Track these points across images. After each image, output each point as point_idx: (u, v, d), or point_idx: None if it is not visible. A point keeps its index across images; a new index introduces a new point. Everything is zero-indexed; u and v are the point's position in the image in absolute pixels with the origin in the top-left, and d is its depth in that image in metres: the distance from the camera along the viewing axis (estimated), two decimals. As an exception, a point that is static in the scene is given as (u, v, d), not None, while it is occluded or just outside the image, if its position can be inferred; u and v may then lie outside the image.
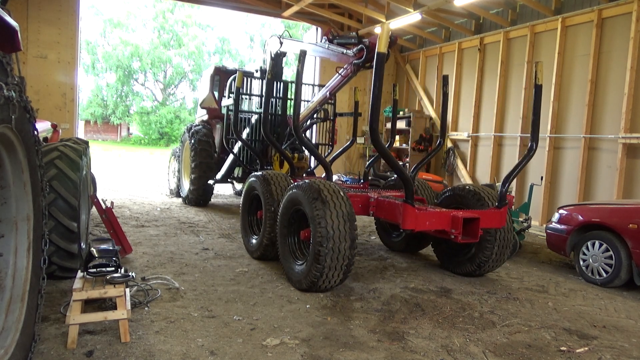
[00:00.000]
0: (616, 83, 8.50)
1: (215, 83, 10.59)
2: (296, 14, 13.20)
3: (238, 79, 7.83)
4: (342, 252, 4.40)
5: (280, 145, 7.12)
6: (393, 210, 5.05)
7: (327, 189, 4.58)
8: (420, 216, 4.84)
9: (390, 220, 5.17)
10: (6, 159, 2.48)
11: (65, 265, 4.45)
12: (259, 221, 6.10)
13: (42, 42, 11.35)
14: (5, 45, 2.34)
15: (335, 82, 7.41)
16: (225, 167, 9.50)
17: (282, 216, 5.11)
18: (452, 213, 4.98)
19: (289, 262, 4.99)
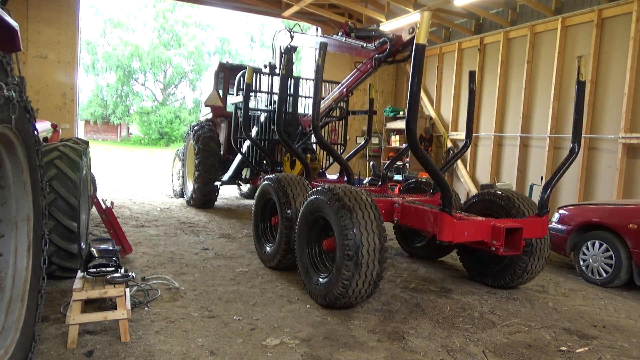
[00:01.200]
0: (616, 83, 8.49)
1: (219, 80, 10.12)
2: (296, 14, 13.20)
3: (248, 75, 7.41)
4: (372, 265, 3.97)
5: (294, 146, 6.73)
6: (424, 218, 4.64)
7: (353, 195, 4.16)
8: (459, 226, 4.35)
9: (421, 228, 4.79)
10: (6, 159, 2.48)
11: (65, 265, 4.45)
12: (273, 228, 5.72)
13: (42, 42, 11.34)
14: (5, 45, 2.34)
15: (353, 77, 6.99)
16: (232, 168, 9.21)
17: (302, 224, 4.69)
18: (493, 222, 4.49)
19: (309, 275, 4.55)
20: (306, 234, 4.66)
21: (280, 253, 5.24)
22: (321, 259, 4.64)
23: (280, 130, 6.16)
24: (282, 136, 6.19)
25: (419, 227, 4.84)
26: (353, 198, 4.12)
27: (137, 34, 42.08)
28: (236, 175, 9.23)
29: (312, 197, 4.52)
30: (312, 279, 4.49)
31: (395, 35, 5.98)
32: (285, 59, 6.34)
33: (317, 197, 4.42)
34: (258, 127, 8.78)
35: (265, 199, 5.76)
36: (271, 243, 5.64)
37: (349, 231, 3.94)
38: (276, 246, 5.34)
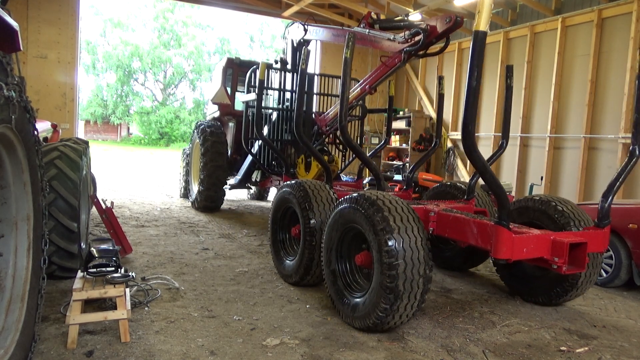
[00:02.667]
0: (616, 83, 8.50)
1: (227, 77, 9.65)
2: (296, 14, 13.19)
3: (261, 70, 6.88)
4: (416, 286, 3.52)
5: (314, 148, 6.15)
6: (469, 230, 4.05)
7: (393, 205, 3.69)
8: (518, 242, 3.73)
9: (467, 242, 4.15)
10: (6, 159, 2.48)
11: (65, 265, 4.45)
12: (294, 240, 5.24)
13: (42, 42, 11.35)
14: (5, 45, 2.34)
15: (377, 73, 6.41)
16: (242, 170, 8.81)
17: (329, 236, 4.20)
18: (553, 237, 3.89)
19: (341, 294, 4.05)
20: (335, 247, 4.17)
21: (303, 268, 4.72)
22: (354, 276, 4.15)
23: (300, 131, 5.67)
24: (302, 137, 5.69)
25: (461, 239, 4.23)
26: (393, 208, 3.64)
27: (137, 34, 42.12)
28: (246, 178, 8.82)
29: (343, 206, 4.02)
30: (344, 298, 4.01)
31: (429, 25, 5.49)
32: (304, 52, 5.75)
33: (349, 206, 3.92)
34: (269, 126, 8.22)
35: (285, 208, 5.23)
36: (292, 256, 5.10)
37: (390, 247, 3.47)
38: (298, 260, 4.80)
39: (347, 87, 4.82)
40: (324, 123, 7.71)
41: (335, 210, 4.16)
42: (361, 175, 7.95)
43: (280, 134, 8.11)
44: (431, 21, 5.53)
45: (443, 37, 5.59)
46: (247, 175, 8.82)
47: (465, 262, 5.78)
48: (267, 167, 8.20)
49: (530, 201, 4.79)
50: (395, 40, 5.82)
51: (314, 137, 7.90)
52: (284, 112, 8.14)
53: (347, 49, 4.76)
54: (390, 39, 5.88)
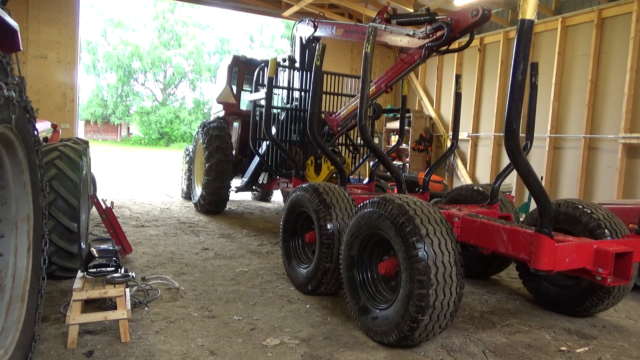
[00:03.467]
0: (616, 83, 8.50)
1: (233, 75, 9.37)
2: (296, 14, 13.19)
3: (271, 68, 6.56)
4: (448, 292, 3.26)
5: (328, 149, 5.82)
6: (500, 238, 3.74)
7: (419, 207, 3.46)
8: (560, 251, 3.43)
9: (496, 250, 3.85)
10: (6, 159, 2.48)
11: (65, 265, 4.45)
12: (307, 246, 4.96)
13: (42, 42, 11.35)
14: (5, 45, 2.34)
15: (394, 70, 6.09)
16: (249, 172, 8.53)
17: (350, 243, 3.94)
18: (596, 246, 3.56)
19: (362, 306, 3.79)
20: (357, 255, 3.92)
21: (318, 276, 4.44)
22: (376, 287, 3.87)
23: (314, 132, 5.39)
24: (317, 138, 5.44)
25: (490, 247, 3.93)
26: (420, 210, 3.42)
27: (137, 34, 42.16)
28: (253, 180, 8.54)
29: (365, 210, 3.76)
30: (366, 311, 3.73)
31: (453, 19, 5.18)
32: (320, 47, 5.36)
33: (372, 210, 3.67)
34: (277, 127, 7.87)
35: (298, 212, 4.96)
36: (306, 264, 4.81)
37: (419, 251, 3.21)
38: (313, 268, 4.51)
39: (367, 84, 4.51)
40: (335, 123, 7.38)
41: (357, 215, 3.87)
42: (373, 177, 7.67)
43: (288, 135, 7.77)
44: (455, 15, 5.22)
45: (467, 32, 5.29)
46: (254, 177, 8.55)
47: (487, 270, 5.47)
48: (276, 169, 7.86)
49: (556, 205, 4.48)
50: (415, 36, 5.50)
51: (324, 138, 7.63)
52: (293, 112, 7.83)
53: (367, 43, 4.46)
54: (409, 35, 5.55)
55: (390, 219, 3.46)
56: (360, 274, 3.91)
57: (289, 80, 7.86)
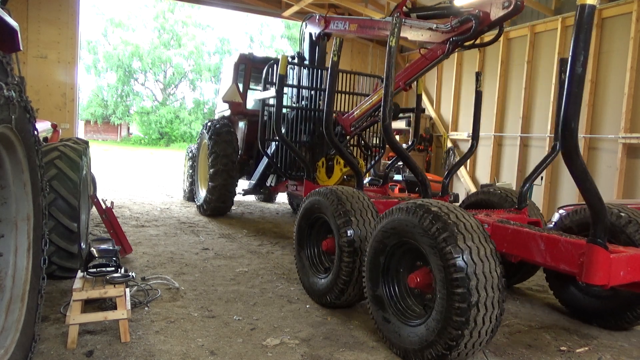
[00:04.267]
0: (616, 83, 8.50)
1: (239, 73, 9.06)
2: (296, 14, 13.20)
3: (282, 65, 6.25)
4: (491, 306, 2.94)
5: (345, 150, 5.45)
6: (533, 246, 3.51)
7: (454, 213, 3.17)
8: (616, 264, 3.10)
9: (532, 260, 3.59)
10: (6, 159, 2.48)
11: (65, 265, 4.45)
12: (325, 254, 4.62)
13: (42, 42, 11.35)
14: (5, 45, 2.34)
15: (415, 66, 5.78)
16: (257, 174, 8.21)
17: (375, 252, 3.62)
18: None
19: (390, 320, 3.48)
20: (382, 265, 3.59)
21: (338, 287, 4.09)
22: (406, 300, 3.54)
23: (331, 132, 5.10)
24: (333, 139, 5.15)
25: (525, 256, 3.65)
26: (455, 216, 3.13)
27: (138, 33, 42.19)
28: (261, 182, 8.21)
29: (394, 217, 3.45)
30: (395, 327, 3.42)
31: (482, 11, 4.81)
32: (337, 42, 5.00)
33: (402, 217, 3.36)
34: (286, 127, 7.47)
35: (313, 218, 4.63)
36: (323, 274, 4.47)
37: (457, 260, 2.91)
38: (332, 278, 4.18)
39: (391, 80, 4.16)
40: (348, 123, 6.94)
41: (383, 222, 3.55)
42: (387, 179, 7.39)
43: (297, 135, 7.38)
44: (484, 6, 4.86)
45: (496, 25, 4.94)
46: (262, 179, 8.20)
47: (512, 278, 5.09)
48: (285, 171, 7.48)
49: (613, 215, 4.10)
50: (439, 30, 5.18)
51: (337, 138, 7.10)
52: (302, 111, 7.44)
53: (392, 36, 4.11)
54: (432, 29, 5.23)
55: (423, 226, 3.15)
56: (386, 287, 3.58)
57: (298, 79, 7.55)
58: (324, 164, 7.02)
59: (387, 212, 3.55)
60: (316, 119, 7.36)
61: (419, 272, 3.36)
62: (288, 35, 40.62)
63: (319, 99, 7.40)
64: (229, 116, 9.04)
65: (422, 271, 3.34)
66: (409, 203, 3.40)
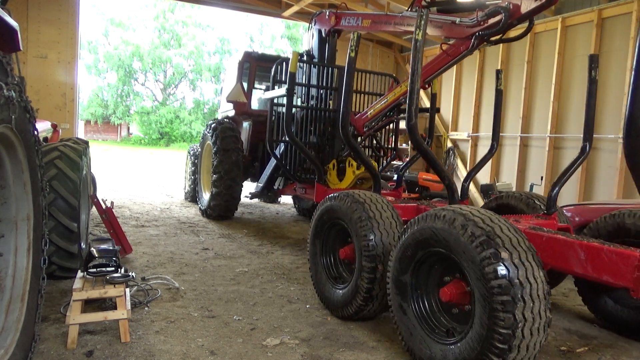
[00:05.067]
0: (616, 83, 8.50)
1: (244, 72, 8.77)
2: (296, 14, 13.19)
3: (292, 63, 5.98)
4: (536, 331, 2.66)
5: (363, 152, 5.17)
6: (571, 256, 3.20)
7: (500, 227, 2.81)
8: None
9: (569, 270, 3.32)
10: (6, 159, 2.48)
11: (65, 265, 4.45)
12: (342, 263, 4.35)
13: (42, 42, 11.35)
14: (5, 45, 2.34)
15: (435, 63, 5.48)
16: (265, 176, 7.86)
17: (400, 262, 3.31)
18: None
19: (419, 336, 3.17)
20: (410, 276, 3.30)
21: (360, 299, 3.82)
22: (436, 317, 3.23)
23: (347, 132, 4.84)
24: (350, 140, 4.89)
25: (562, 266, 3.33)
26: (499, 229, 2.79)
27: (138, 33, 42.21)
28: (269, 185, 7.89)
29: (424, 224, 3.14)
30: (426, 343, 3.12)
31: (512, 3, 4.47)
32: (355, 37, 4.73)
33: (434, 225, 3.05)
34: (294, 127, 7.05)
35: (330, 224, 4.35)
36: (342, 284, 4.19)
37: (502, 281, 2.61)
38: (352, 289, 3.92)
39: (417, 77, 3.86)
40: (360, 124, 6.59)
41: (410, 231, 3.26)
42: (401, 182, 7.03)
43: (306, 136, 7.03)
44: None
45: (526, 19, 4.66)
46: (270, 182, 7.85)
47: None
48: (295, 174, 7.14)
49: (620, 215, 3.97)
50: (462, 24, 4.86)
51: None
52: (311, 111, 7.09)
53: (418, 30, 3.83)
54: (454, 23, 4.93)
55: (462, 237, 2.84)
56: (415, 302, 3.27)
57: (307, 77, 7.20)
58: (334, 166, 6.67)
59: (417, 220, 3.24)
60: (326, 119, 7.09)
61: (452, 285, 3.04)
62: (288, 35, 40.65)
63: (329, 98, 7.12)
64: (233, 116, 8.82)
65: (456, 285, 3.03)
66: (441, 210, 3.08)
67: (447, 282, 3.13)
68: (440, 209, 3.12)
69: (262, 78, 9.25)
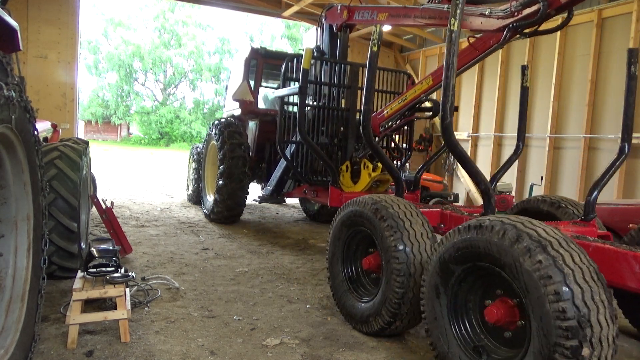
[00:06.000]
0: (616, 83, 8.50)
1: (251, 69, 8.42)
2: (296, 14, 13.20)
3: (306, 59, 5.64)
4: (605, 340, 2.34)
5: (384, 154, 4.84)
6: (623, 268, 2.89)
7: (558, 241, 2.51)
8: None
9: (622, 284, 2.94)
10: (6, 159, 2.48)
11: (65, 265, 4.45)
12: (366, 274, 4.05)
13: (42, 42, 11.35)
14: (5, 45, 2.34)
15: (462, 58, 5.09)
16: (274, 179, 7.42)
17: (438, 275, 2.99)
18: None
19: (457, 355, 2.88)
20: (451, 292, 2.95)
21: (388, 313, 3.50)
22: (478, 336, 2.89)
23: (369, 133, 4.52)
24: (372, 142, 4.59)
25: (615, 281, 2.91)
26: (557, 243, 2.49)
27: (138, 33, 42.22)
28: (279, 188, 7.45)
29: (469, 235, 2.80)
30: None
31: None
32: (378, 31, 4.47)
33: (481, 237, 2.71)
34: None
35: (352, 232, 4.07)
36: (366, 297, 3.90)
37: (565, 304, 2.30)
38: (378, 302, 3.62)
39: (453, 71, 3.54)
40: (376, 123, 6.21)
41: (451, 242, 2.92)
42: (418, 185, 6.68)
43: (316, 137, 6.56)
44: None
45: (566, 8, 4.43)
46: (280, 185, 7.43)
47: None
48: (307, 176, 6.67)
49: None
50: (494, 15, 4.49)
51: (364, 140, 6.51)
52: (323, 110, 6.63)
53: (454, 19, 3.54)
54: (484, 14, 4.54)
55: (513, 252, 2.52)
56: (455, 320, 2.95)
57: (318, 75, 6.80)
58: (348, 168, 6.28)
59: (460, 230, 2.90)
60: (338, 118, 6.68)
61: (501, 304, 2.73)
62: (288, 35, 40.64)
63: (341, 96, 6.78)
64: (238, 116, 8.50)
65: (504, 303, 2.72)
66: (493, 222, 2.71)
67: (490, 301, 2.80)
68: (485, 219, 2.79)
69: (270, 76, 9.04)
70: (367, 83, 4.66)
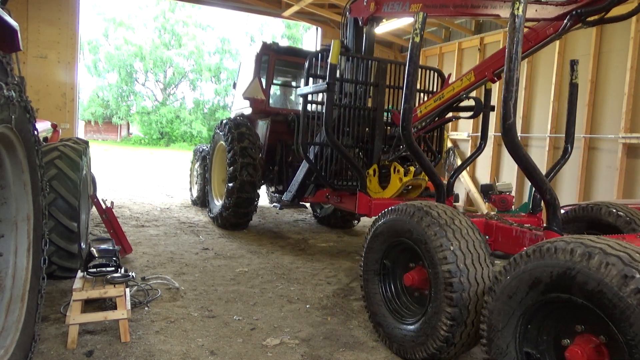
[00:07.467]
0: (616, 83, 8.50)
1: (262, 66, 8.01)
2: (296, 14, 13.20)
3: (334, 53, 5.19)
4: None
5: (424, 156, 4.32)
6: None
7: None
8: None
9: None
10: (6, 159, 2.48)
11: (65, 265, 4.45)
12: (408, 292, 3.61)
13: (42, 42, 11.35)
14: (5, 45, 2.34)
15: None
16: (296, 183, 6.78)
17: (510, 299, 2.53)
18: None
19: None
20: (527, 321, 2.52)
21: (439, 338, 3.04)
22: None
23: (410, 133, 4.08)
24: (413, 144, 4.13)
25: None
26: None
27: (138, 34, 42.23)
28: (300, 193, 6.83)
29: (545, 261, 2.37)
30: None
31: None
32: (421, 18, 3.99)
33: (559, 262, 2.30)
34: None
35: (390, 244, 3.63)
36: (409, 318, 3.46)
37: None
38: (425, 325, 3.17)
39: (517, 63, 3.12)
40: None
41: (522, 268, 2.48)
42: (452, 191, 6.00)
43: (340, 138, 5.96)
44: None
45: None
46: (302, 190, 6.82)
47: None
48: (332, 181, 6.13)
49: None
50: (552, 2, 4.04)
51: (394, 142, 5.96)
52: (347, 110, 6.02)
53: (518, 2, 3.11)
54: (540, 1, 4.08)
55: (607, 279, 2.10)
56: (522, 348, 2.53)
57: (342, 72, 6.24)
58: (375, 172, 5.86)
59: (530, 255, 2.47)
60: (364, 118, 6.13)
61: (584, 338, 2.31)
62: (288, 35, 40.63)
63: (368, 95, 6.30)
64: (248, 115, 8.03)
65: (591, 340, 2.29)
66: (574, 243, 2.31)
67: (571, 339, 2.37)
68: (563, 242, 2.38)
69: (282, 73, 8.65)
70: (408, 78, 4.11)
